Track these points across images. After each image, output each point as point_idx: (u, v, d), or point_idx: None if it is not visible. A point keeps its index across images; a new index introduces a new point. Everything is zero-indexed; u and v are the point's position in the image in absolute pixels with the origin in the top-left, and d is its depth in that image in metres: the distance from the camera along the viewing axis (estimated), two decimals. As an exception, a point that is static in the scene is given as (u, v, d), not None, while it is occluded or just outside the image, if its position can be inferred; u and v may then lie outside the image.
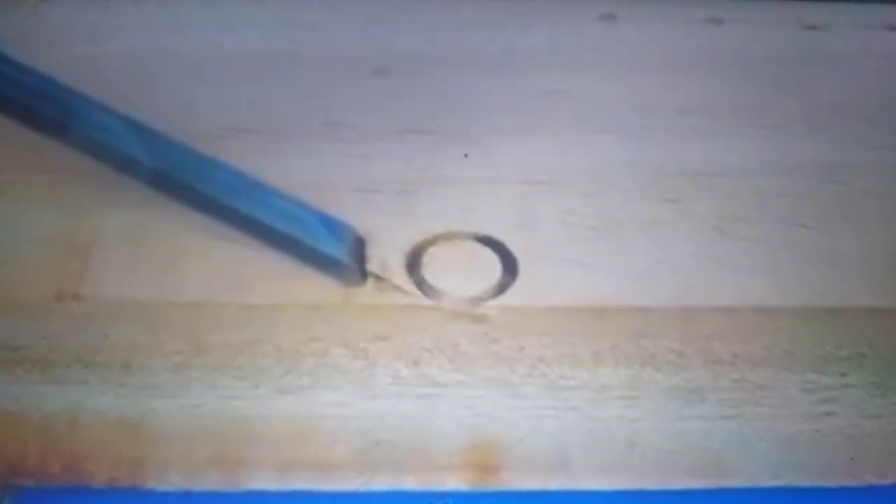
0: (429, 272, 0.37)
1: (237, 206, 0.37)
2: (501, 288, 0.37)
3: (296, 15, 0.47)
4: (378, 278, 0.37)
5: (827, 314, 0.37)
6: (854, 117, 0.44)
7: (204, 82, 0.44)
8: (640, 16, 0.48)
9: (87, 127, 0.36)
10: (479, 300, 0.37)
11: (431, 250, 0.38)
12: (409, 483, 0.33)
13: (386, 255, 0.38)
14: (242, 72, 0.45)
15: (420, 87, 0.44)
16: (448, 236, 0.39)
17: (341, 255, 0.37)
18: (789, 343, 0.36)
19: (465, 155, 0.42)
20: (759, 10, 0.48)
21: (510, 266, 0.38)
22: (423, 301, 0.37)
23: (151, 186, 0.37)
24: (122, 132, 0.36)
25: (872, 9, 0.48)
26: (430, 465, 0.33)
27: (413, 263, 0.38)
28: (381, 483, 0.33)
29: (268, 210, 0.37)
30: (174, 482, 0.33)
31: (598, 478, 0.33)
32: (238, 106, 0.43)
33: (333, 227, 0.37)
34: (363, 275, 0.37)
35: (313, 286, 0.37)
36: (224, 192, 0.37)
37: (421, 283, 0.37)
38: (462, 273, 0.38)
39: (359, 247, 0.38)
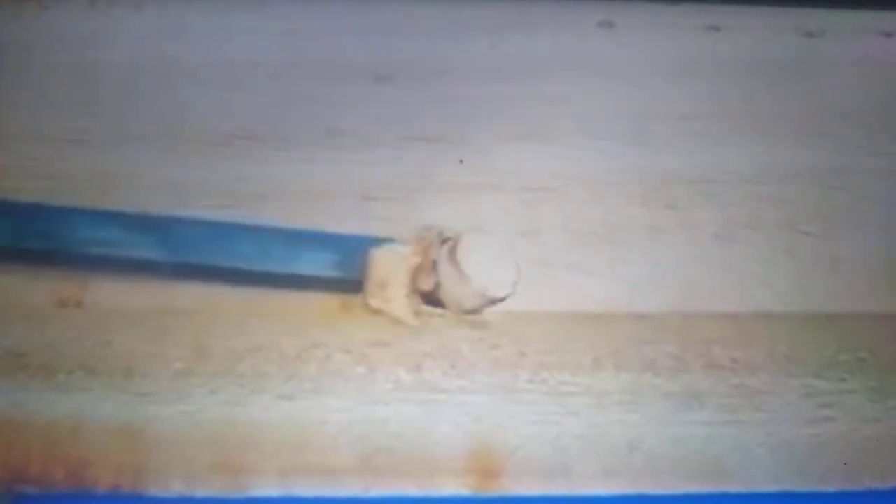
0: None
1: (271, 268, 0.36)
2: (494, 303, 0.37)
3: (297, 22, 0.47)
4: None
5: (827, 319, 0.37)
6: (853, 123, 0.44)
7: (205, 89, 0.44)
8: (639, 23, 0.48)
9: (83, 245, 0.36)
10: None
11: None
12: (411, 488, 0.33)
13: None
14: (243, 79, 0.45)
15: (421, 93, 0.44)
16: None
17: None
18: (789, 348, 0.36)
19: (461, 161, 0.42)
20: (757, 17, 0.48)
21: (511, 272, 0.38)
22: (425, 306, 0.37)
23: (177, 278, 0.36)
24: (125, 236, 0.36)
25: (868, 16, 0.48)
26: (432, 470, 0.33)
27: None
28: (382, 488, 0.33)
29: (310, 263, 0.36)
30: (176, 488, 0.33)
31: (599, 482, 0.33)
32: (239, 113, 0.43)
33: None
34: None
35: (315, 292, 0.37)
36: (255, 259, 0.36)
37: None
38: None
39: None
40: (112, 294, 0.37)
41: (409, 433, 0.34)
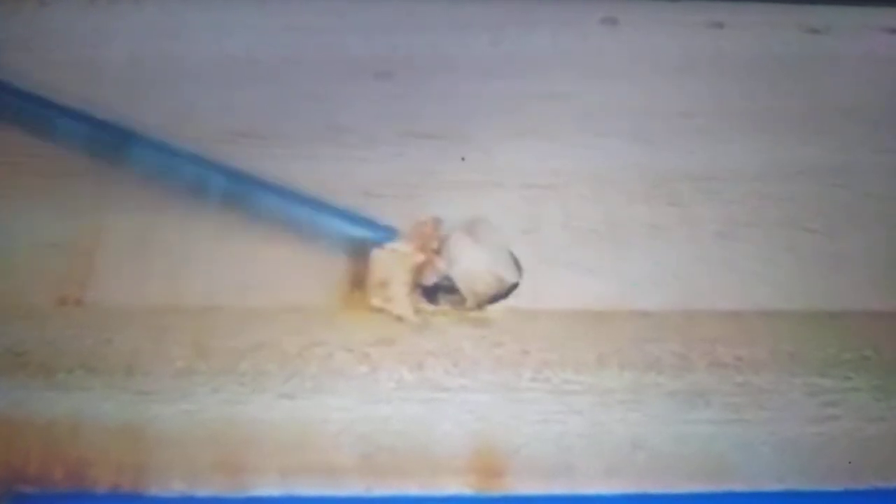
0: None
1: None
2: (505, 291, 0.37)
3: (297, 18, 0.47)
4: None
5: (830, 317, 0.37)
6: (857, 120, 0.44)
7: (205, 86, 0.44)
8: (641, 19, 0.48)
9: (151, 147, 0.39)
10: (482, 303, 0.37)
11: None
12: (413, 488, 0.33)
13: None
14: (244, 75, 0.44)
15: (422, 90, 0.44)
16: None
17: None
18: (793, 346, 0.36)
19: (463, 158, 0.42)
20: (761, 13, 0.48)
21: (514, 270, 0.38)
22: (427, 305, 0.37)
23: (226, 198, 0.38)
24: (186, 153, 0.38)
25: (873, 12, 0.48)
26: (434, 469, 0.33)
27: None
28: (384, 488, 0.33)
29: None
30: (177, 487, 0.33)
31: (602, 481, 0.33)
32: (240, 110, 0.43)
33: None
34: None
35: (317, 290, 0.37)
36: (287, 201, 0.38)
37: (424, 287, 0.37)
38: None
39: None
40: (112, 292, 0.36)
41: (412, 432, 0.34)
